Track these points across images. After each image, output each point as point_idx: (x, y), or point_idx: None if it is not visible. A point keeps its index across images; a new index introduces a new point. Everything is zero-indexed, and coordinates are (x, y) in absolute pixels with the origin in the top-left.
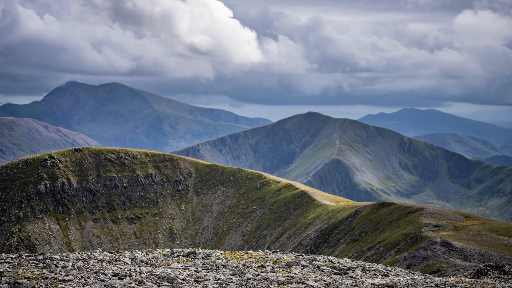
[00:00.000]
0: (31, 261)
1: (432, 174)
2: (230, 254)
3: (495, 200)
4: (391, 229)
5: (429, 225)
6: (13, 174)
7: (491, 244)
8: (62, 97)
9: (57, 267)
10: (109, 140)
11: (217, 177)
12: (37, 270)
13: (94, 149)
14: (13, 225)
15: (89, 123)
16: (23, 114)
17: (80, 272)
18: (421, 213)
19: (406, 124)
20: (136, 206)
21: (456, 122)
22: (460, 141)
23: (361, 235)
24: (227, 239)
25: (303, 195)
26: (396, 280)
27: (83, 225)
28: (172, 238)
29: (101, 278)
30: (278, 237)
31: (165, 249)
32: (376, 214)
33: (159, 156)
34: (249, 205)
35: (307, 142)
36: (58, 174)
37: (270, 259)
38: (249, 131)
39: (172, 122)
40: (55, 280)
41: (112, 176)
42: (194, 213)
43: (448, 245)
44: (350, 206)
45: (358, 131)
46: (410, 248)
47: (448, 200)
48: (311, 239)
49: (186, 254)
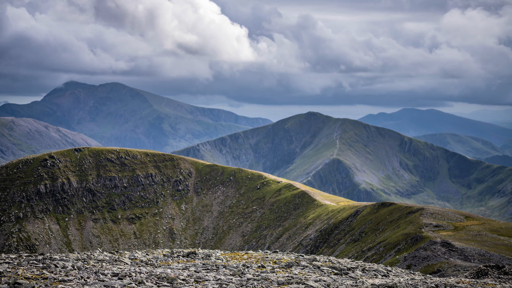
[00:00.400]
0: (31, 261)
1: (433, 174)
2: (230, 254)
3: (495, 200)
4: (391, 229)
5: (430, 225)
6: (13, 174)
7: (491, 244)
8: (62, 97)
9: (57, 267)
10: (109, 140)
11: (217, 177)
12: (37, 270)
13: (94, 149)
14: (13, 225)
15: (89, 123)
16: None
17: (80, 272)
18: (422, 213)
19: (406, 124)
20: (136, 206)
21: (456, 122)
22: (461, 141)
23: (361, 235)
24: (227, 239)
25: (303, 195)
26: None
27: (83, 225)
28: (172, 238)
29: (101, 278)
30: (278, 237)
31: (165, 249)
32: (376, 214)
33: (159, 156)
34: (249, 205)
35: (307, 142)
36: (58, 174)
37: (270, 259)
38: (249, 131)
39: (172, 122)
40: (55, 281)
41: (112, 176)
42: (194, 213)
43: (448, 245)
44: (350, 206)
45: (358, 131)
46: (410, 248)
47: (448, 200)
48: (311, 239)
49: (186, 254)
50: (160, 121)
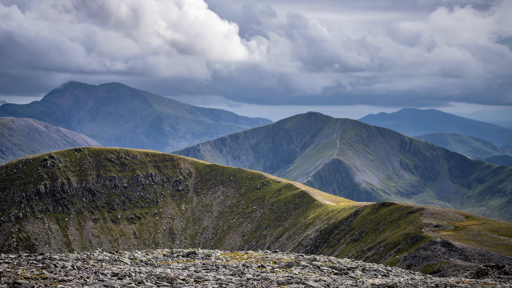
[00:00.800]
0: (30, 261)
1: (433, 174)
2: (230, 254)
3: (495, 200)
4: (392, 229)
5: (430, 225)
6: (13, 174)
7: (491, 244)
8: (62, 97)
9: (56, 267)
10: (109, 140)
11: (217, 177)
12: (36, 270)
13: (94, 149)
14: (12, 225)
15: (89, 123)
16: (23, 114)
17: (79, 272)
18: (422, 213)
19: (406, 124)
20: (136, 206)
21: (457, 122)
22: (461, 141)
23: (361, 235)
24: (227, 239)
25: (303, 195)
26: (396, 280)
27: (83, 225)
28: (172, 238)
29: (101, 278)
30: (278, 237)
31: (165, 249)
32: (377, 214)
33: (159, 156)
34: (249, 205)
35: (307, 142)
36: (58, 174)
37: (270, 259)
38: (250, 131)
39: (172, 122)
40: (54, 280)
41: (112, 176)
42: (194, 213)
43: (448, 245)
44: (350, 206)
45: (358, 131)
46: (410, 248)
47: (448, 200)
48: (311, 239)
49: (186, 254)
50: (160, 121)
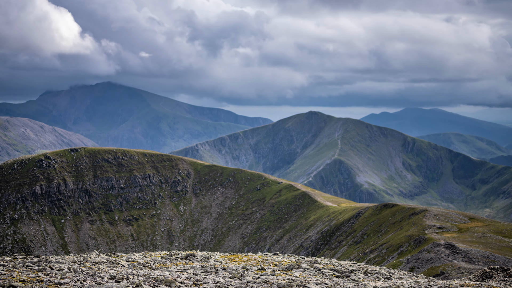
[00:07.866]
0: (26, 263)
1: (436, 175)
2: (229, 256)
3: (500, 201)
4: (394, 231)
5: (433, 227)
6: (8, 175)
7: (496, 246)
8: (58, 96)
9: (52, 269)
10: (106, 140)
11: (216, 178)
12: (32, 273)
13: (91, 149)
14: (7, 227)
15: (85, 123)
16: (18, 114)
17: (76, 275)
18: (425, 214)
19: (409, 123)
20: (133, 207)
21: (460, 121)
22: (465, 141)
23: (363, 237)
24: (227, 241)
25: (304, 196)
26: (399, 283)
27: (79, 226)
28: (170, 240)
29: (98, 281)
30: (279, 239)
31: (163, 251)
32: (379, 216)
33: (157, 157)
34: (249, 207)
35: (308, 142)
36: (54, 174)
37: (270, 262)
38: (249, 131)
39: (171, 122)
40: (50, 283)
41: (109, 177)
42: (192, 214)
43: (452, 248)
44: (352, 207)
45: (360, 130)
46: (413, 251)
47: (452, 201)
48: (312, 241)
49: (184, 257)
50: (158, 121)
